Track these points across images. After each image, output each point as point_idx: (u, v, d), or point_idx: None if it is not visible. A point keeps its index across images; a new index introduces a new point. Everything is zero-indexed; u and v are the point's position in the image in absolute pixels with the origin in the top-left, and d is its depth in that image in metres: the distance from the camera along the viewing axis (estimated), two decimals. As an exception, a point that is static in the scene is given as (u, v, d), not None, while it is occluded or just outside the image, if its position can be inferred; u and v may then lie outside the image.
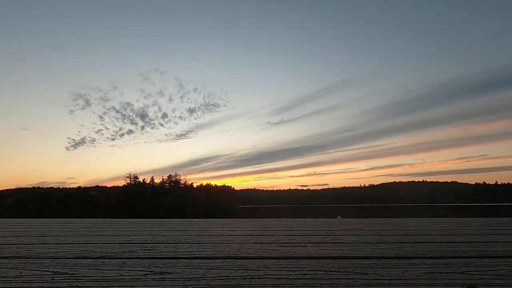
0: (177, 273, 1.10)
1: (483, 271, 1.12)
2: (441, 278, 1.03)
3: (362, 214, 23.74)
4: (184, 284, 0.97)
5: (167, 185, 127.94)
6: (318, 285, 0.96)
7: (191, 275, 1.07)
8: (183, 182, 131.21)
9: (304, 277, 1.04)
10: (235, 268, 1.17)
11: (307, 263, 1.26)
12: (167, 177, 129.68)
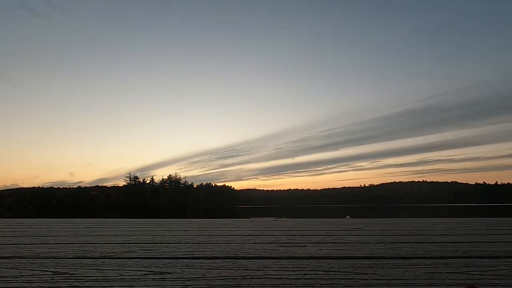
0: (177, 273, 1.10)
1: (483, 271, 1.12)
2: (441, 278, 1.03)
3: (362, 214, 23.75)
4: (184, 284, 0.97)
5: (167, 185, 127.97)
6: (318, 285, 0.96)
7: (191, 275, 1.07)
8: (183, 182, 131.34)
9: (304, 277, 1.04)
10: (235, 268, 1.17)
11: (307, 263, 1.26)
12: (167, 177, 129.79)
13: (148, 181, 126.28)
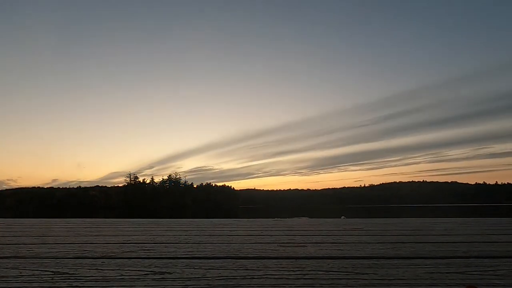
0: (177, 273, 1.10)
1: (483, 271, 1.12)
2: (441, 278, 1.03)
3: (362, 214, 23.75)
4: (184, 284, 0.97)
5: (167, 185, 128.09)
6: (318, 285, 0.96)
7: (191, 275, 1.07)
8: (183, 182, 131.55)
9: (304, 277, 1.04)
10: (235, 268, 1.17)
11: (307, 263, 1.26)
12: (167, 177, 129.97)
13: (148, 181, 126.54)
